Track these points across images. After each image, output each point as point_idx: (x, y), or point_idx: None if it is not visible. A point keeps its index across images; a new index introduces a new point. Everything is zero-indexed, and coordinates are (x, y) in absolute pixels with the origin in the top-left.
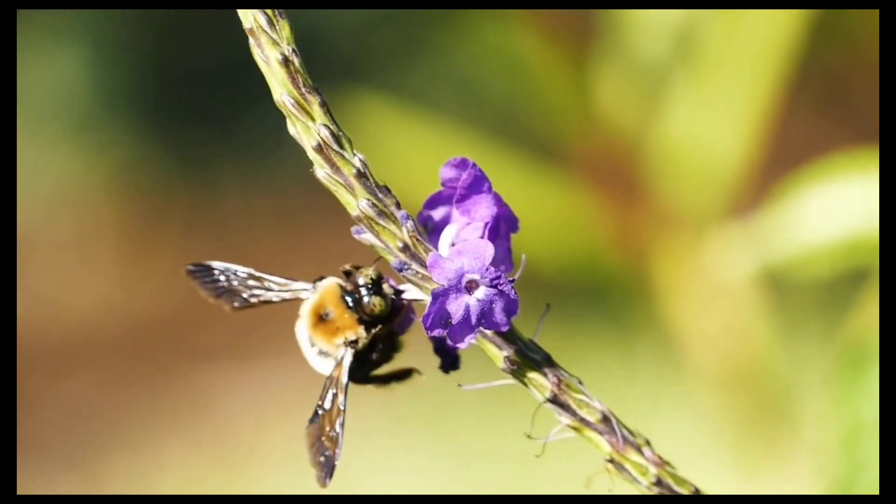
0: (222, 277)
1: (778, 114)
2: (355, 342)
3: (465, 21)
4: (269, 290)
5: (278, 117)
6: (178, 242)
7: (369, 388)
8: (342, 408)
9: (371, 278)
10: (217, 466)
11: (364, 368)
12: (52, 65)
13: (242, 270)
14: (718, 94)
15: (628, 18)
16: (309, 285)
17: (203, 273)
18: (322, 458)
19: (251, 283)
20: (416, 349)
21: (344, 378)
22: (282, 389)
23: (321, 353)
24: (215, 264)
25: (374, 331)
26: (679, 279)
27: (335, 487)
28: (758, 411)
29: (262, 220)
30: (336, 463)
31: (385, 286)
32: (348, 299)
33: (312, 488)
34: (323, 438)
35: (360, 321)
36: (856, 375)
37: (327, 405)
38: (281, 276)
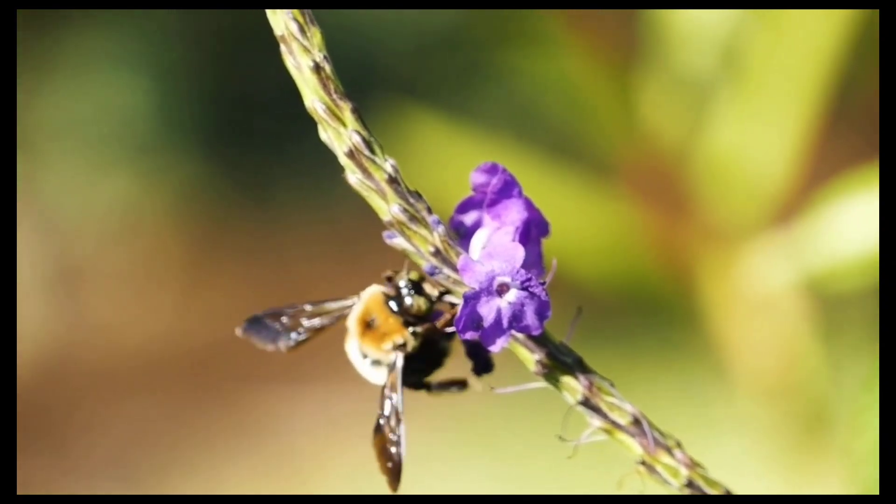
0: (271, 322)
1: (822, 129)
2: (404, 345)
3: (519, 45)
4: (318, 316)
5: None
6: (236, 268)
7: (424, 411)
8: (400, 412)
9: (410, 280)
10: (275, 490)
11: (418, 373)
12: (111, 92)
13: (291, 308)
14: (763, 108)
15: (673, 33)
16: (356, 299)
17: (253, 327)
18: (389, 465)
19: (302, 316)
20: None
21: (397, 382)
22: (341, 412)
23: (374, 363)
24: (262, 314)
25: (420, 332)
26: (725, 293)
27: None
28: (807, 427)
29: (321, 246)
30: (402, 466)
31: (426, 286)
32: (392, 304)
33: None
34: (388, 445)
35: (406, 324)
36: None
37: (387, 412)
38: (332, 300)
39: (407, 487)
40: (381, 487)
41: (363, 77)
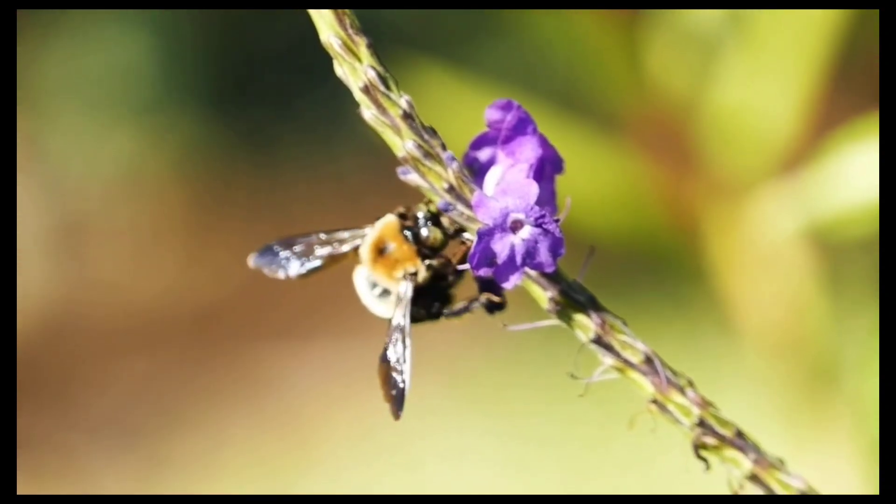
0: (283, 250)
1: (827, 82)
2: (415, 275)
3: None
4: (332, 244)
5: (341, 99)
6: (241, 225)
7: (425, 367)
8: (407, 340)
9: (429, 211)
10: (280, 446)
11: (424, 308)
12: (115, 50)
13: (304, 237)
14: (769, 63)
15: None
16: (370, 228)
17: (265, 256)
18: (393, 392)
19: (315, 244)
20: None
21: (406, 309)
22: (345, 369)
23: (382, 293)
24: (274, 242)
25: (433, 264)
26: (732, 247)
27: (397, 472)
28: (814, 380)
29: (325, 203)
30: (406, 394)
31: (443, 219)
32: (407, 232)
33: (379, 470)
34: (392, 373)
35: (419, 253)
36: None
37: (394, 339)
38: (346, 229)
39: (405, 444)
40: (382, 445)
41: (368, 34)
